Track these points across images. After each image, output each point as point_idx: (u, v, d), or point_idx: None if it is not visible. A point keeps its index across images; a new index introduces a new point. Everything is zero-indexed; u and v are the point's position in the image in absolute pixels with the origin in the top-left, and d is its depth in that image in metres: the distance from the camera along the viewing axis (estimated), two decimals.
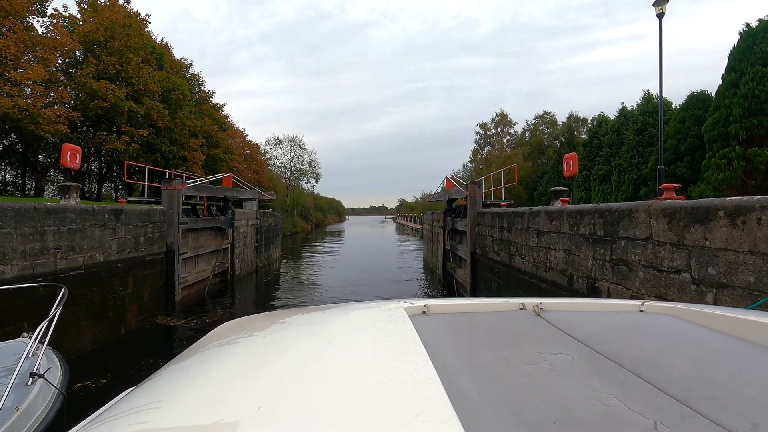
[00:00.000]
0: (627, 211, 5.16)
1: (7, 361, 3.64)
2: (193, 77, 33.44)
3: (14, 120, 15.97)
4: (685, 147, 17.76)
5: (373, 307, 1.69)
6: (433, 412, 0.73)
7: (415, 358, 1.02)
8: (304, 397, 0.87)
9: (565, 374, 1.06)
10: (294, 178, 65.43)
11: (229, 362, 1.20)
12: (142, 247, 10.72)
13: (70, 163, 10.00)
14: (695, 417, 0.85)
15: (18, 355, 3.62)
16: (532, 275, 8.31)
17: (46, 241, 7.51)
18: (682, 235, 4.20)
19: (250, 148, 42.58)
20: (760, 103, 13.60)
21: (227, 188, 17.58)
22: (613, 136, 24.28)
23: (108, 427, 0.85)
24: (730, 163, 13.95)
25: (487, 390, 0.96)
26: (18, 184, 24.96)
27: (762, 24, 14.55)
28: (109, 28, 21.28)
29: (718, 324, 1.42)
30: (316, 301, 15.25)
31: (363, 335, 1.32)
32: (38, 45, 17.40)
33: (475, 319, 1.60)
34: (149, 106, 22.70)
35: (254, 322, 1.70)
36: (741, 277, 3.53)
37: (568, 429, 0.80)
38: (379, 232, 74.99)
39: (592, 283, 5.97)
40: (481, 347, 1.27)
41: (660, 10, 10.38)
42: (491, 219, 11.22)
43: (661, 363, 1.14)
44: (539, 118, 46.77)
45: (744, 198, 3.55)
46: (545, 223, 7.68)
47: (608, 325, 1.51)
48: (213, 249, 15.65)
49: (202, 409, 0.86)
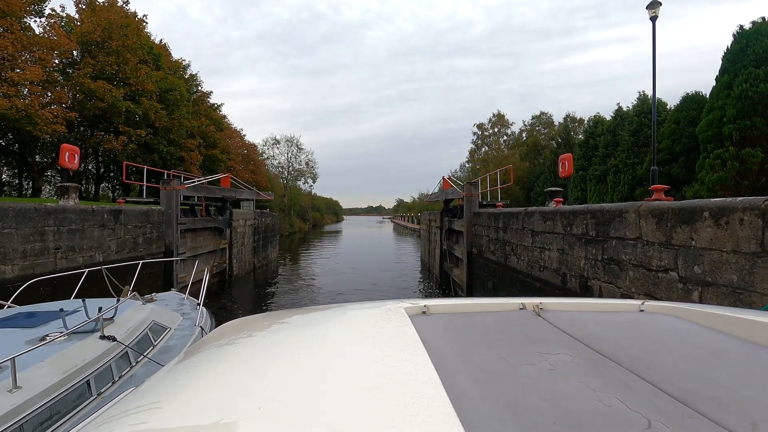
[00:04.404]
0: (618, 211, 5.28)
1: (172, 305, 5.90)
2: (190, 77, 33.44)
3: (11, 120, 15.97)
4: (680, 148, 17.93)
5: (373, 307, 1.70)
6: (433, 412, 0.73)
7: (415, 358, 1.02)
8: (304, 397, 0.87)
9: (565, 374, 1.06)
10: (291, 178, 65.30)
11: (229, 362, 1.20)
12: (141, 248, 10.78)
13: (68, 163, 10.04)
14: (695, 417, 0.84)
15: (175, 303, 6.12)
16: (527, 274, 8.43)
17: (46, 242, 7.58)
18: (669, 235, 4.32)
19: (247, 148, 42.57)
20: (754, 104, 13.75)
21: (225, 188, 17.61)
22: (608, 137, 24.44)
23: (108, 428, 0.85)
24: (724, 163, 14.11)
25: (487, 390, 0.96)
26: (15, 185, 24.92)
27: (755, 26, 14.72)
28: (106, 29, 21.27)
29: (718, 324, 1.42)
30: (314, 301, 15.32)
31: (363, 335, 1.32)
32: (35, 45, 17.41)
33: (475, 319, 1.59)
34: (147, 106, 22.71)
35: (254, 322, 1.70)
36: (725, 276, 3.65)
37: (568, 429, 0.80)
38: (376, 232, 75.03)
39: (584, 282, 6.09)
40: (481, 347, 1.27)
41: (653, 13, 10.52)
42: (487, 219, 11.34)
43: (661, 363, 1.14)
44: (536, 118, 46.95)
45: (727, 199, 3.67)
46: (539, 224, 7.79)
47: (608, 325, 1.50)
48: (211, 249, 15.69)
49: (202, 409, 0.87)
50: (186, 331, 5.11)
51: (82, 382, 3.27)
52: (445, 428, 0.68)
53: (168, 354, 4.33)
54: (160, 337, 4.67)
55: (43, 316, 4.00)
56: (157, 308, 5.09)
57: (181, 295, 6.82)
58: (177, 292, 7.14)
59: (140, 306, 4.91)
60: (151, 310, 4.90)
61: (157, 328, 4.71)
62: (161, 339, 4.66)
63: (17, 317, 4.03)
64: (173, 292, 7.22)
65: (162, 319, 4.94)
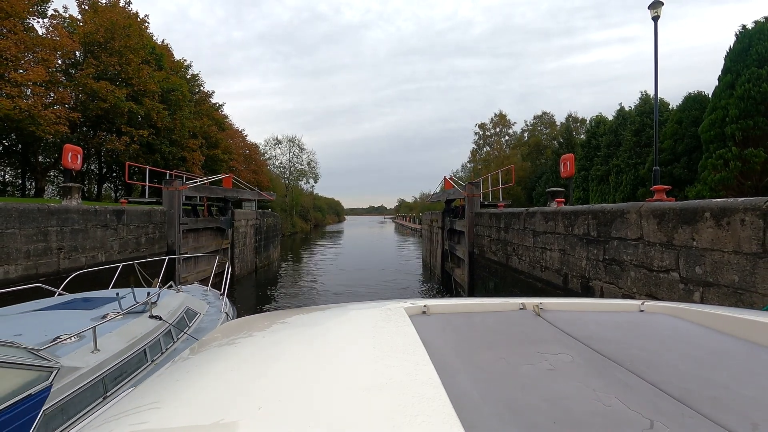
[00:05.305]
0: (619, 212, 5.27)
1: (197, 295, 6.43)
2: (192, 78, 33.51)
3: (15, 121, 16.03)
4: (682, 148, 17.88)
5: (373, 307, 1.70)
6: (433, 412, 0.73)
7: (415, 358, 1.02)
8: (304, 397, 0.87)
9: (565, 374, 1.06)
10: (293, 178, 65.39)
11: (229, 362, 1.20)
12: (144, 248, 10.82)
13: (71, 163, 10.09)
14: (695, 417, 0.84)
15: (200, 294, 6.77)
16: (528, 275, 8.42)
17: (49, 242, 7.61)
18: (671, 235, 4.32)
19: (249, 148, 42.62)
20: (756, 104, 13.70)
21: (227, 189, 17.65)
22: (610, 137, 24.37)
23: (108, 428, 0.85)
24: (727, 163, 14.06)
25: (487, 390, 0.96)
26: (18, 185, 25.01)
27: (758, 26, 14.65)
28: (109, 29, 21.33)
29: (718, 324, 1.42)
30: (315, 301, 15.33)
31: (363, 335, 1.32)
32: (38, 46, 17.45)
33: (475, 319, 1.59)
34: (149, 106, 22.78)
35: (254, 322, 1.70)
36: (726, 276, 3.65)
37: (568, 429, 0.80)
38: (378, 232, 75.02)
39: (586, 282, 6.09)
40: (482, 347, 1.27)
41: (655, 13, 10.49)
42: (489, 219, 11.33)
43: (661, 363, 1.14)
44: (537, 118, 46.88)
45: (729, 200, 3.66)
46: (541, 224, 7.79)
47: (608, 325, 1.50)
48: (213, 249, 15.74)
49: (202, 409, 0.87)
50: (213, 316, 5.87)
51: (140, 350, 3.96)
52: (445, 428, 0.68)
53: (200, 334, 4.97)
54: (193, 320, 5.41)
55: (98, 300, 4.75)
56: (188, 296, 5.83)
57: (204, 287, 7.63)
58: (200, 285, 7.98)
59: (175, 294, 5.70)
60: (185, 297, 5.63)
61: (190, 312, 5.43)
62: (194, 321, 5.41)
63: (75, 301, 4.71)
64: (197, 284, 8.04)
65: (193, 305, 5.67)
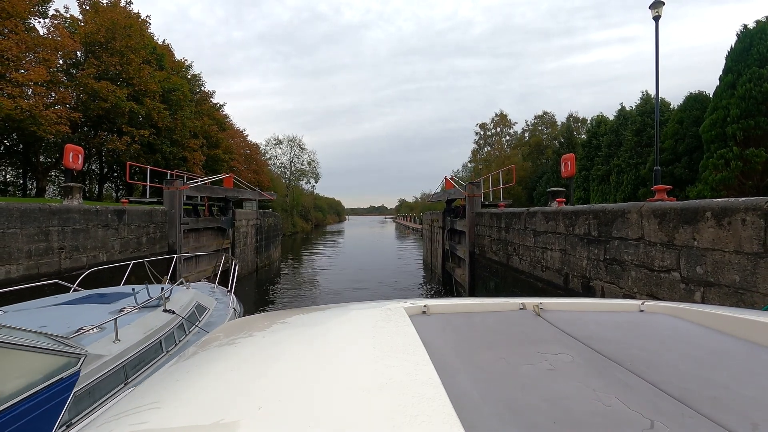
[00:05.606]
0: (620, 212, 5.27)
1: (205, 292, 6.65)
2: (193, 78, 33.54)
3: (16, 121, 16.06)
4: (683, 147, 17.86)
5: (373, 307, 1.70)
6: (433, 412, 0.73)
7: (415, 358, 1.02)
8: (304, 397, 0.87)
9: (565, 374, 1.06)
10: (294, 178, 65.45)
11: (229, 362, 1.20)
12: (144, 247, 10.84)
13: (72, 163, 10.11)
14: (695, 417, 0.84)
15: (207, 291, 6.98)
16: (529, 275, 8.42)
17: (50, 241, 7.63)
18: (672, 235, 4.32)
19: (249, 148, 42.66)
20: (757, 104, 13.68)
21: (228, 189, 17.67)
22: (611, 137, 24.35)
23: (108, 428, 0.85)
24: (728, 163, 14.04)
25: (487, 390, 0.96)
26: (19, 185, 25.05)
27: (759, 25, 14.63)
28: (110, 29, 21.35)
29: (718, 324, 1.42)
30: (316, 301, 15.34)
31: (363, 335, 1.32)
32: (39, 46, 17.47)
33: (475, 319, 1.59)
34: (150, 106, 22.80)
35: (254, 322, 1.70)
36: (727, 276, 3.65)
37: (568, 429, 0.80)
38: (378, 231, 75.03)
39: (586, 282, 6.08)
40: (482, 347, 1.27)
41: (656, 13, 10.48)
42: (489, 219, 11.33)
43: (661, 363, 1.14)
44: (538, 118, 46.85)
45: (729, 200, 3.66)
46: (542, 224, 7.78)
47: (608, 325, 1.50)
48: (214, 249, 15.75)
49: (202, 409, 0.86)
50: (222, 312, 6.10)
51: (157, 341, 4.17)
52: (445, 428, 0.68)
53: (210, 327, 5.17)
54: (203, 314, 5.65)
55: (114, 295, 4.97)
56: (198, 292, 6.01)
57: (211, 284, 7.90)
58: (207, 282, 8.28)
59: (185, 290, 5.89)
60: (194, 293, 5.82)
61: (200, 307, 5.65)
62: (204, 316, 5.64)
63: (92, 296, 4.96)
64: (204, 282, 8.35)
65: (203, 301, 5.90)
